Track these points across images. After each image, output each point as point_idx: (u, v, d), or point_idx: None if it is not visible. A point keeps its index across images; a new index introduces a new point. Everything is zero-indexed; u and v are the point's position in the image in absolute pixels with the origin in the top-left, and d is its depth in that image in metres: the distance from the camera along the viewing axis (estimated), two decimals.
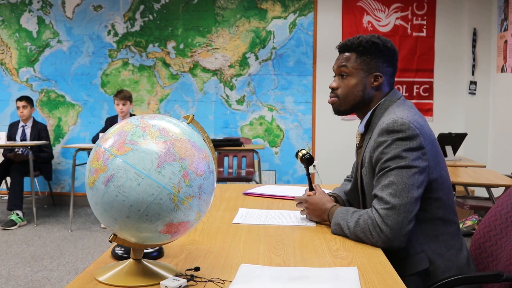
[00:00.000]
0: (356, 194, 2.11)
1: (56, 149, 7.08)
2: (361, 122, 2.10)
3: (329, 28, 6.62)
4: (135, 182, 1.26)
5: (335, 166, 6.58)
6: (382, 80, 2.02)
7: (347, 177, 2.42)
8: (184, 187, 1.30)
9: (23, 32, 7.16)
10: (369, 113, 2.04)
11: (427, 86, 6.66)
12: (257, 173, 6.16)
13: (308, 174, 2.24)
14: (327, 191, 2.32)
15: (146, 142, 1.30)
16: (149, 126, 1.34)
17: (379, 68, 2.03)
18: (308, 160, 2.18)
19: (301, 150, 2.23)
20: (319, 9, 6.62)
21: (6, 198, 6.32)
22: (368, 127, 2.04)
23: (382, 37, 2.04)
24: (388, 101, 2.02)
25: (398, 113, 1.91)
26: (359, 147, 2.12)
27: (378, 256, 1.67)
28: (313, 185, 2.19)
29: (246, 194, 2.70)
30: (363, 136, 2.09)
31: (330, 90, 2.16)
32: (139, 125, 1.34)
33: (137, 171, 1.27)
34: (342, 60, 2.09)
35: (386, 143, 1.86)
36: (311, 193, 2.13)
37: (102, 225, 5.96)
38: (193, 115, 1.50)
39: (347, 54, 2.08)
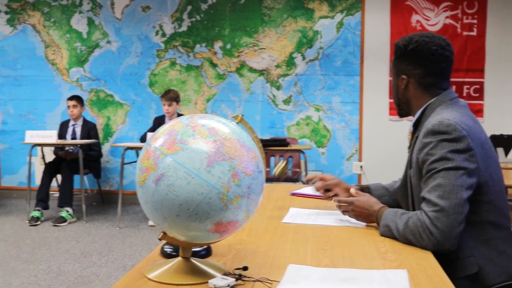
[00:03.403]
0: (405, 192, 2.08)
1: (105, 148, 7.19)
2: (412, 120, 2.08)
3: (377, 28, 6.55)
4: (184, 181, 1.27)
5: (383, 167, 6.50)
6: (406, 83, 2.01)
7: (400, 178, 2.39)
8: (233, 187, 1.30)
9: (73, 33, 7.30)
10: (418, 112, 2.02)
11: (478, 86, 6.52)
12: (303, 174, 6.14)
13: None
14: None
15: (196, 142, 1.31)
16: (199, 125, 1.35)
17: (405, 71, 2.03)
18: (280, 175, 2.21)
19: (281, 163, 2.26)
20: (367, 9, 6.55)
21: (57, 195, 6.45)
22: (417, 127, 2.02)
23: (412, 38, 2.01)
24: (438, 101, 1.98)
25: (445, 114, 1.88)
26: (410, 146, 2.09)
27: (428, 259, 1.64)
28: (355, 189, 2.17)
29: (293, 194, 2.70)
30: (413, 135, 2.06)
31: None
32: (189, 125, 1.35)
33: (187, 170, 1.27)
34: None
35: (432, 144, 1.83)
36: (358, 193, 2.11)
37: (150, 223, 6.03)
38: (242, 115, 1.51)
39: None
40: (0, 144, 7.71)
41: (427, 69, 2.01)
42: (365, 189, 2.29)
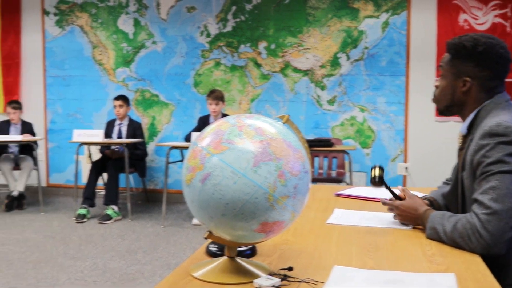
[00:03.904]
0: (455, 197, 2.04)
1: (150, 147, 7.28)
2: (464, 123, 2.02)
3: (423, 27, 6.45)
4: (231, 180, 1.28)
5: (429, 169, 6.41)
6: (470, 85, 1.95)
7: (447, 179, 2.34)
8: (280, 187, 1.30)
9: (120, 33, 7.41)
10: (472, 115, 1.97)
11: None
12: (347, 174, 6.10)
13: (387, 187, 2.15)
14: (420, 194, 2.27)
15: (243, 142, 1.31)
16: (245, 125, 1.35)
17: (469, 73, 1.95)
18: (378, 183, 2.12)
19: (376, 167, 2.15)
20: (413, 8, 6.46)
21: (103, 193, 6.55)
22: (471, 129, 1.97)
23: (479, 39, 1.94)
24: (493, 103, 1.93)
25: (502, 116, 1.83)
26: (461, 149, 2.04)
27: (476, 263, 1.61)
28: (401, 189, 2.13)
29: (338, 195, 2.68)
30: (465, 137, 2.01)
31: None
32: (235, 125, 1.35)
33: (233, 170, 1.28)
34: (441, 60, 2.05)
35: (488, 146, 1.78)
36: (405, 191, 2.09)
37: (193, 222, 6.07)
38: (289, 115, 1.50)
39: (446, 54, 2.02)
40: (48, 142, 7.87)
41: (493, 72, 1.95)
42: (433, 201, 2.23)
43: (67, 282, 4.22)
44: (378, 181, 2.10)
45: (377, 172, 2.11)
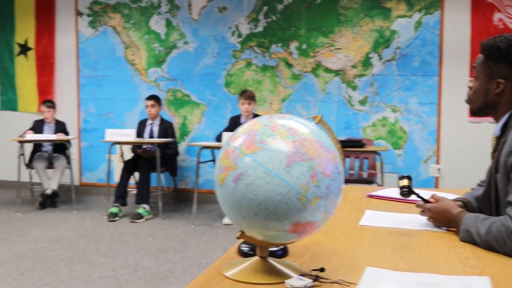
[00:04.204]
0: (488, 200, 2.01)
1: (181, 147, 7.32)
2: (497, 125, 1.99)
3: (457, 27, 6.37)
4: (263, 180, 1.27)
5: (462, 170, 6.33)
6: (503, 87, 1.92)
7: (481, 182, 2.31)
8: (312, 187, 1.29)
9: (152, 34, 7.47)
10: (505, 116, 1.94)
11: None
12: (379, 175, 6.05)
13: (418, 195, 2.12)
14: (453, 196, 2.24)
15: (275, 142, 1.30)
16: (278, 125, 1.35)
17: (503, 74, 1.92)
18: (406, 194, 2.10)
19: (403, 178, 2.13)
20: (446, 7, 6.38)
21: (134, 192, 6.61)
22: (504, 131, 1.94)
23: (510, 40, 1.91)
24: None
25: None
26: (494, 151, 2.01)
27: None
28: (431, 196, 2.11)
29: (370, 196, 2.66)
30: (499, 139, 1.98)
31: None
32: (268, 125, 1.35)
33: (266, 170, 1.27)
34: (475, 61, 2.01)
35: None
36: (435, 197, 2.06)
37: (224, 222, 6.09)
38: (322, 116, 1.50)
39: (480, 55, 1.99)
40: (81, 142, 7.97)
41: None
42: (467, 203, 2.20)
43: (99, 279, 4.26)
44: (407, 192, 2.09)
45: (405, 182, 2.10)
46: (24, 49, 8.18)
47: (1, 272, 4.46)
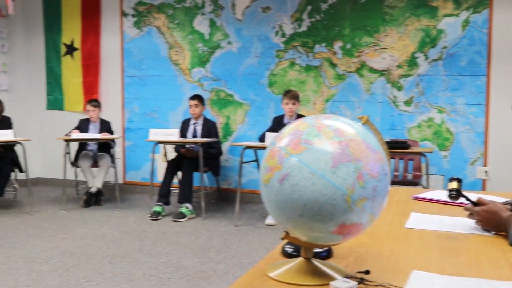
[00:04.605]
0: None
1: (224, 147, 7.33)
2: None
3: (506, 26, 6.21)
4: (309, 181, 1.26)
5: (510, 173, 6.19)
6: None
7: None
8: (358, 189, 1.27)
9: (196, 34, 7.51)
10: None
11: None
12: (424, 177, 5.96)
13: (467, 199, 2.07)
14: (502, 200, 2.18)
15: (321, 142, 1.29)
16: (324, 126, 1.33)
17: None
18: (455, 197, 2.05)
19: (453, 181, 2.08)
20: (495, 6, 6.23)
21: (177, 191, 6.65)
22: None
23: None
24: None
25: None
26: None
27: None
28: (478, 198, 2.05)
29: (416, 198, 2.62)
30: None
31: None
32: (314, 125, 1.34)
33: (311, 171, 1.26)
34: None
35: None
36: (481, 200, 2.01)
37: (267, 222, 6.08)
38: (368, 116, 1.47)
39: None
40: (125, 141, 8.07)
41: None
42: None
43: (142, 277, 4.30)
44: (456, 195, 2.05)
45: (454, 185, 2.06)
46: (71, 49, 8.33)
47: (47, 268, 4.55)
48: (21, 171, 7.07)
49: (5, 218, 6.38)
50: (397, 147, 5.62)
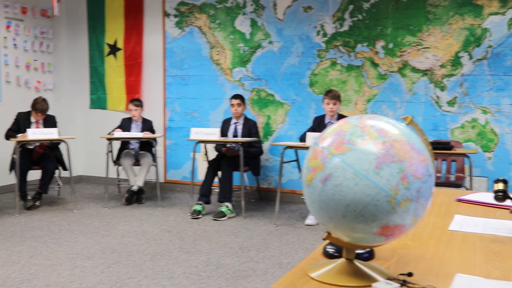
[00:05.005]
0: None
1: (265, 146, 7.33)
2: None
3: None
4: (352, 182, 1.25)
5: None
6: None
7: None
8: (402, 190, 1.26)
9: (237, 34, 7.53)
10: None
11: None
12: (467, 179, 5.86)
13: (511, 198, 2.02)
14: None
15: (365, 143, 1.28)
16: (367, 126, 1.32)
17: None
18: (501, 199, 2.00)
19: (499, 182, 2.03)
20: None
21: (217, 190, 6.67)
22: None
23: None
24: None
25: None
26: None
27: None
28: None
29: (459, 200, 2.57)
30: None
31: None
32: (357, 125, 1.33)
33: (355, 171, 1.25)
34: None
35: None
36: None
37: (306, 222, 6.06)
38: (412, 116, 1.46)
39: None
40: (166, 140, 8.14)
41: None
42: None
43: (182, 275, 4.33)
44: (502, 197, 2.00)
45: (500, 186, 2.01)
46: (114, 49, 8.44)
47: (90, 264, 4.62)
48: (64, 169, 7.19)
49: (49, 215, 6.50)
50: (439, 148, 5.54)
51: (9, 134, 6.85)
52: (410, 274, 1.44)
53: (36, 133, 6.53)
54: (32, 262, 4.70)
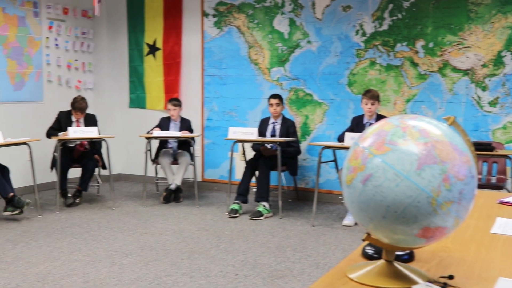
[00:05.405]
0: None
1: (302, 146, 7.30)
2: None
3: None
4: (393, 182, 1.24)
5: None
6: None
7: None
8: (444, 191, 1.24)
9: (275, 33, 7.52)
10: None
11: None
12: (509, 181, 5.75)
13: None
14: None
15: (406, 143, 1.27)
16: (409, 126, 1.31)
17: None
18: None
19: None
20: None
21: (255, 190, 6.68)
22: None
23: None
24: None
25: None
26: None
27: None
28: None
29: (502, 202, 2.53)
30: None
31: None
32: (399, 126, 1.31)
33: (396, 172, 1.24)
34: None
35: None
36: None
37: (344, 223, 6.02)
38: (455, 117, 1.43)
39: None
40: (204, 139, 8.18)
41: None
42: None
43: (219, 274, 4.35)
44: None
45: None
46: (153, 49, 8.52)
47: (128, 261, 4.67)
48: (104, 167, 7.29)
49: (89, 212, 6.60)
50: (481, 149, 5.44)
51: (51, 133, 6.97)
52: (451, 277, 1.42)
53: (76, 132, 6.63)
54: (72, 258, 4.77)
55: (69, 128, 6.66)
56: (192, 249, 5.04)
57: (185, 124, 7.49)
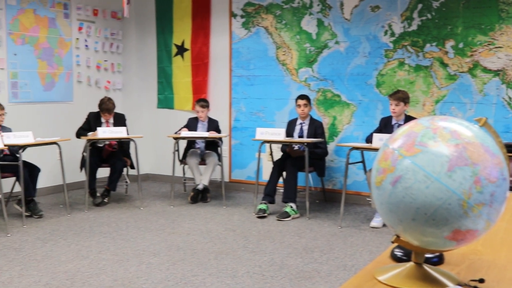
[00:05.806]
0: None
1: (330, 147, 7.28)
2: None
3: None
4: (423, 184, 1.23)
5: None
6: None
7: None
8: (475, 194, 1.23)
9: (303, 34, 7.50)
10: None
11: None
12: None
13: None
14: None
15: (437, 145, 1.26)
16: (440, 128, 1.29)
17: None
18: None
19: None
20: None
21: (282, 191, 6.67)
22: None
23: None
24: None
25: None
26: None
27: None
28: None
29: None
30: None
31: None
32: (429, 127, 1.30)
33: (426, 174, 1.23)
34: None
35: None
36: None
37: (371, 225, 5.99)
38: (486, 118, 1.42)
39: None
40: (232, 140, 8.19)
41: None
42: None
43: (246, 275, 4.35)
44: None
45: None
46: (181, 50, 8.56)
47: (156, 261, 4.70)
48: (132, 167, 7.35)
49: (117, 212, 6.65)
50: (511, 151, 5.36)
51: (80, 133, 7.05)
52: (481, 281, 1.40)
53: (105, 132, 6.70)
54: (100, 257, 4.82)
55: (98, 128, 6.73)
56: (219, 249, 5.06)
57: (213, 125, 7.51)
